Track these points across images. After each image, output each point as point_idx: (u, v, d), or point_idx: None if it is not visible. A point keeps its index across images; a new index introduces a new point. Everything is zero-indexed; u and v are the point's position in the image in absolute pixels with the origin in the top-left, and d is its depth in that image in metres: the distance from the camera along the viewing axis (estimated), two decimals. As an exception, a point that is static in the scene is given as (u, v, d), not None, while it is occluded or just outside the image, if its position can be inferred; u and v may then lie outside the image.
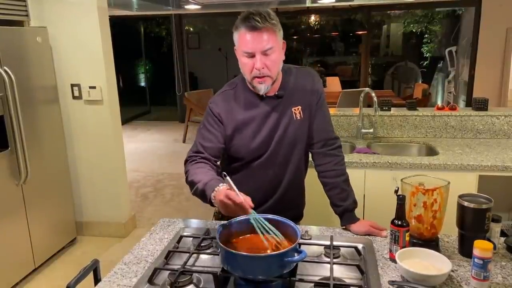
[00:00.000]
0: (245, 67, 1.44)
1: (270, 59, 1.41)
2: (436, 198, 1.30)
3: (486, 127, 2.86)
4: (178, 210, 4.06)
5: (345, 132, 3.00)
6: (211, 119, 1.53)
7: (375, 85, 8.86)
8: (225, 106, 1.52)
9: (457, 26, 7.21)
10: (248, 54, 1.40)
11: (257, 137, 1.52)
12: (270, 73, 1.42)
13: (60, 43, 3.11)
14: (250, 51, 1.39)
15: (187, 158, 1.51)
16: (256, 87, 1.45)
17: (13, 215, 2.70)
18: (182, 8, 7.01)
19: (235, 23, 1.43)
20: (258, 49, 1.38)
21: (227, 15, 8.63)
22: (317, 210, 1.85)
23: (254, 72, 1.42)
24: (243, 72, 1.47)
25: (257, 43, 1.38)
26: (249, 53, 1.40)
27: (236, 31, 1.43)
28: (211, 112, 1.53)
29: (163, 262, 1.30)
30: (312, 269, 1.26)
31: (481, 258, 1.13)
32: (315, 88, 1.58)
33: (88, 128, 3.26)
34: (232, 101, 1.53)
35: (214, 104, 1.54)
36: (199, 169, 1.42)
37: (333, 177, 1.60)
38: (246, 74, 1.45)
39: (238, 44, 1.44)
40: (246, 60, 1.42)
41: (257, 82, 1.44)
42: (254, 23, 1.36)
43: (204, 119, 1.56)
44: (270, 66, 1.41)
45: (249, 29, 1.37)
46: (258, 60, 1.39)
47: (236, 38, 1.44)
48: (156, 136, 7.33)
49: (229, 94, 1.55)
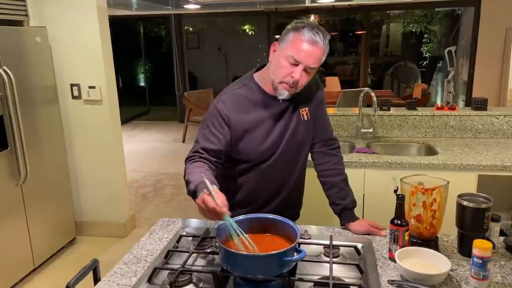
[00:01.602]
0: (281, 70, 1.39)
1: (307, 76, 1.40)
2: (436, 197, 1.30)
3: (485, 127, 2.86)
4: (178, 210, 4.06)
5: (344, 132, 3.00)
6: (216, 120, 1.45)
7: (375, 85, 8.86)
8: (234, 106, 1.46)
9: (456, 26, 7.22)
10: (293, 61, 1.36)
11: (268, 139, 1.48)
12: (298, 88, 1.41)
13: (59, 43, 3.11)
14: (298, 60, 1.36)
15: (187, 157, 1.47)
16: (280, 91, 1.42)
17: (12, 215, 2.70)
18: (182, 8, 7.01)
19: (295, 23, 1.39)
20: (306, 63, 1.36)
21: (226, 15, 8.64)
22: (316, 210, 1.86)
23: (287, 79, 1.38)
24: (275, 71, 1.41)
25: (309, 57, 1.36)
26: (296, 61, 1.36)
27: (294, 32, 1.37)
28: (218, 113, 1.45)
29: (162, 261, 1.30)
30: (311, 268, 1.26)
31: (481, 258, 1.13)
32: (319, 92, 1.61)
33: (88, 128, 3.26)
34: (242, 100, 1.47)
35: (222, 104, 1.46)
36: (196, 169, 1.37)
37: (332, 176, 1.61)
38: (277, 76, 1.40)
39: (288, 46, 1.37)
40: (287, 64, 1.37)
41: (283, 88, 1.40)
42: (318, 38, 1.35)
43: (207, 119, 1.47)
44: (303, 82, 1.40)
45: (309, 41, 1.35)
46: (298, 72, 1.37)
47: (289, 38, 1.38)
48: (155, 136, 7.33)
49: (238, 93, 1.49)
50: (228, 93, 1.50)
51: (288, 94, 1.42)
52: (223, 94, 1.50)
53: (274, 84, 1.43)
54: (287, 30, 1.40)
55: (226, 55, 9.25)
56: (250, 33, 9.48)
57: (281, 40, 1.41)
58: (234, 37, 9.69)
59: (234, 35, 9.72)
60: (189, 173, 1.37)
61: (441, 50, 8.10)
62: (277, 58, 1.40)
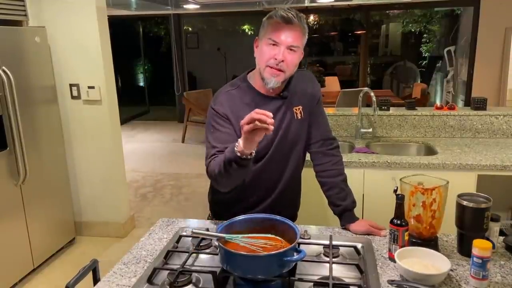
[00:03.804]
0: (264, 54, 1.41)
1: (291, 56, 1.41)
2: (435, 197, 1.30)
3: (485, 127, 2.86)
4: (177, 210, 4.06)
5: (344, 132, 3.00)
6: (219, 119, 1.47)
7: (374, 85, 8.86)
8: (230, 106, 1.48)
9: (455, 25, 7.22)
10: (273, 42, 1.39)
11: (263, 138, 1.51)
12: (286, 69, 1.42)
13: (58, 43, 3.11)
14: (277, 40, 1.39)
15: (207, 164, 1.44)
16: (266, 79, 1.43)
17: (12, 215, 2.70)
18: (181, 8, 7.01)
19: (268, 14, 1.43)
20: (285, 42, 1.39)
21: (226, 15, 8.64)
22: (314, 211, 1.86)
23: (270, 61, 1.40)
24: (259, 60, 1.44)
25: (287, 36, 1.39)
26: (275, 42, 1.39)
27: (268, 19, 1.42)
28: (217, 114, 1.48)
29: (162, 262, 1.30)
30: (311, 268, 1.26)
31: (480, 257, 1.13)
32: (314, 91, 1.61)
33: (87, 128, 3.26)
34: (236, 100, 1.50)
35: (219, 105, 1.49)
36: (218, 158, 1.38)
37: (332, 176, 1.61)
38: (262, 62, 1.42)
39: (265, 32, 1.42)
40: (268, 48, 1.40)
41: (269, 73, 1.41)
42: (291, 16, 1.37)
43: (210, 122, 1.49)
44: (289, 63, 1.41)
45: (284, 20, 1.38)
46: (281, 52, 1.39)
47: (265, 26, 1.43)
48: (155, 136, 7.32)
49: (233, 94, 1.52)
50: (222, 94, 1.53)
51: (275, 81, 1.42)
52: (218, 96, 1.53)
53: (261, 74, 1.44)
54: (263, 22, 1.45)
55: (225, 55, 9.24)
56: (249, 33, 9.47)
57: (260, 32, 1.45)
58: (233, 37, 9.68)
59: (234, 35, 9.72)
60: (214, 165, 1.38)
61: (440, 50, 8.10)
62: (259, 49, 1.45)
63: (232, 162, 1.28)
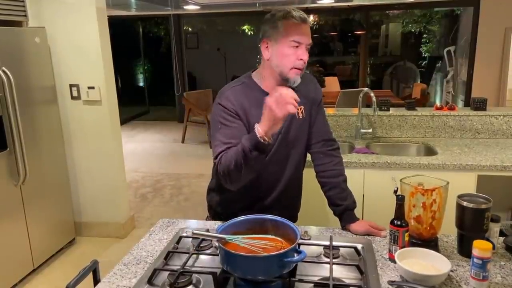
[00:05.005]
0: (288, 57, 1.42)
1: (307, 54, 1.44)
2: (435, 198, 1.30)
3: (484, 127, 2.86)
4: (177, 210, 4.06)
5: (344, 132, 3.00)
6: (227, 115, 1.44)
7: (374, 85, 8.86)
8: (238, 102, 1.46)
9: (455, 26, 7.22)
10: (297, 44, 1.40)
11: None
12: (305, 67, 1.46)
13: (58, 43, 3.11)
14: (301, 41, 1.40)
15: (216, 164, 1.41)
16: (291, 78, 1.43)
17: (11, 216, 2.70)
18: (181, 8, 7.00)
19: (276, 15, 1.43)
20: (307, 41, 1.42)
21: (225, 15, 8.64)
22: (314, 211, 1.86)
23: (297, 63, 1.42)
24: (282, 63, 1.43)
25: (307, 35, 1.42)
26: (299, 43, 1.40)
27: (284, 20, 1.41)
28: (224, 109, 1.45)
29: (162, 262, 1.30)
30: (311, 269, 1.26)
31: (480, 258, 1.13)
32: (316, 94, 1.63)
33: (87, 129, 3.26)
34: (242, 97, 1.48)
35: (226, 101, 1.46)
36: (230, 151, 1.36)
37: (333, 176, 1.61)
38: (286, 64, 1.42)
39: (285, 33, 1.41)
40: (291, 50, 1.41)
41: (295, 73, 1.43)
42: (304, 16, 1.41)
43: (218, 119, 1.45)
44: (306, 61, 1.44)
45: (301, 20, 1.41)
46: (305, 52, 1.42)
47: (281, 27, 1.42)
48: (155, 136, 7.32)
49: (239, 90, 1.50)
50: (229, 90, 1.51)
51: (299, 79, 1.45)
52: (224, 92, 1.51)
53: (283, 75, 1.44)
54: (272, 22, 1.43)
55: (225, 55, 9.24)
56: (249, 33, 9.48)
57: (271, 34, 1.44)
58: (233, 37, 9.68)
59: (233, 35, 9.71)
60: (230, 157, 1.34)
61: (440, 50, 8.10)
62: (278, 51, 1.43)
63: (252, 150, 1.27)
